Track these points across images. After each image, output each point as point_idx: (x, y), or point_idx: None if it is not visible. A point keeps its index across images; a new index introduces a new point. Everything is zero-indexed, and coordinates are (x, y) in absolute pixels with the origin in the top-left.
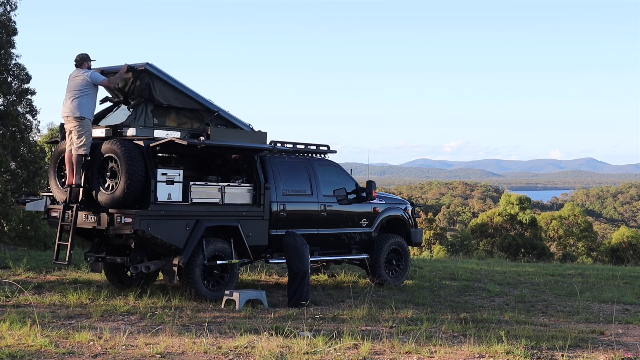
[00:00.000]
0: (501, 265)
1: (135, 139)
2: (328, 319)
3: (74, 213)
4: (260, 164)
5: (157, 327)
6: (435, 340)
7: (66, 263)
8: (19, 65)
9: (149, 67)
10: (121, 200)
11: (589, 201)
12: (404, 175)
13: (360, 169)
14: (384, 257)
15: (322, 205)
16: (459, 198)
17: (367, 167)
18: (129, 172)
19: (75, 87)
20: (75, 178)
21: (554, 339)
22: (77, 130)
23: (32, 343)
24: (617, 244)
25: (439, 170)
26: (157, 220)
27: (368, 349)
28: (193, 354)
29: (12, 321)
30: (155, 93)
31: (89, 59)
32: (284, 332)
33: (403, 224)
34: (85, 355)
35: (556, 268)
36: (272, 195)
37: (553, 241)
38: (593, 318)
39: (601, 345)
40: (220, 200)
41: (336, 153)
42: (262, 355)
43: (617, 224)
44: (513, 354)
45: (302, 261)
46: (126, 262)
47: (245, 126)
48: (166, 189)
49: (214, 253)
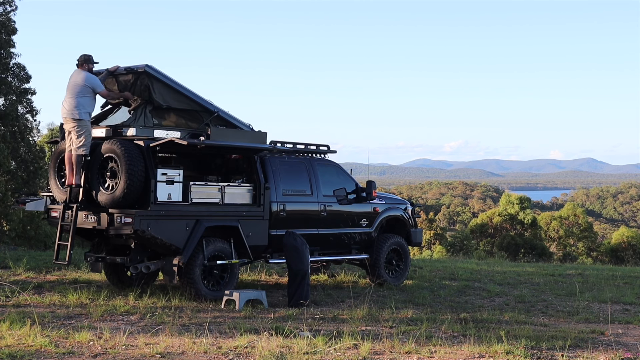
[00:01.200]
0: (501, 265)
1: (135, 139)
2: (328, 319)
3: (74, 213)
4: (260, 164)
5: (157, 327)
6: (435, 340)
7: (66, 263)
8: (19, 65)
9: (148, 68)
10: (121, 200)
11: (589, 201)
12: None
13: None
14: (384, 257)
15: (322, 205)
16: (459, 198)
17: (367, 167)
18: (129, 172)
19: (75, 88)
20: (75, 178)
21: (554, 339)
22: (76, 131)
23: (32, 343)
24: (617, 244)
25: (439, 170)
26: (157, 220)
27: (368, 349)
28: (193, 354)
29: (12, 321)
30: (154, 95)
31: (91, 62)
32: (284, 332)
33: (403, 224)
34: (85, 355)
35: (556, 268)
36: (272, 195)
37: (553, 241)
38: (593, 318)
39: (601, 345)
40: (220, 200)
41: (336, 153)
42: (262, 355)
43: (617, 224)
44: (513, 354)
45: (302, 261)
46: (126, 262)
47: (245, 126)
48: (166, 189)
49: (214, 253)
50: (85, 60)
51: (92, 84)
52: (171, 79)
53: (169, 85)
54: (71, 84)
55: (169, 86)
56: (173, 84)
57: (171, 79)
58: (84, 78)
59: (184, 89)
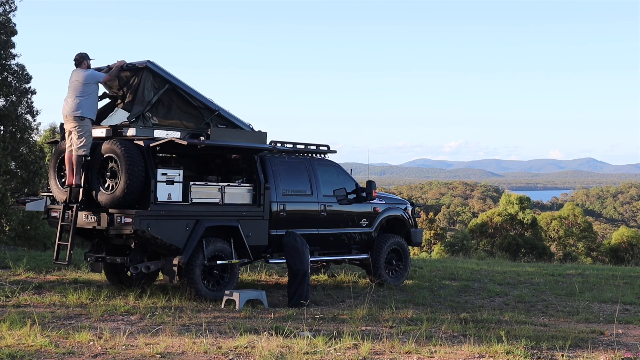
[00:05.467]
0: (501, 265)
1: (135, 139)
2: (328, 319)
3: (74, 213)
4: (260, 164)
5: (157, 327)
6: (435, 340)
7: (66, 263)
8: (19, 65)
9: (150, 64)
10: (121, 200)
11: (589, 201)
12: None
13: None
14: (384, 257)
15: (322, 205)
16: (459, 198)
17: (367, 167)
18: (129, 172)
19: (76, 87)
20: (75, 178)
21: (554, 339)
22: (77, 131)
23: (32, 343)
24: (617, 244)
25: (439, 170)
26: (157, 220)
27: (368, 349)
28: (193, 354)
29: (12, 321)
30: (155, 92)
31: (88, 58)
32: (284, 332)
33: (403, 224)
34: (85, 355)
35: (556, 268)
36: (272, 195)
37: (553, 241)
38: (593, 318)
39: (601, 345)
40: (220, 200)
41: (336, 153)
42: (262, 355)
43: (617, 224)
44: (513, 354)
45: (302, 261)
46: (126, 262)
47: (246, 126)
48: (166, 189)
49: (214, 253)
50: (82, 57)
51: (93, 78)
52: (172, 76)
53: (170, 82)
54: (72, 83)
55: (170, 83)
56: (174, 81)
57: (172, 75)
58: (85, 76)
59: (185, 85)
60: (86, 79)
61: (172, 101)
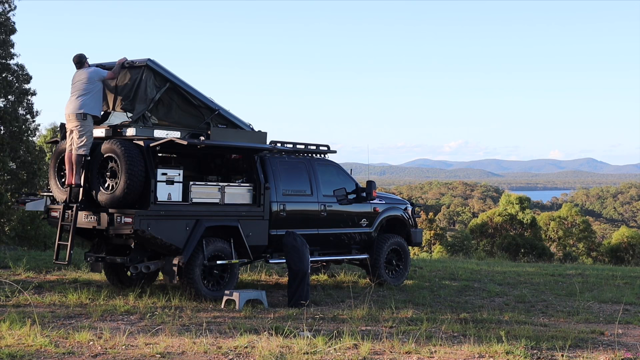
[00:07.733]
0: (501, 265)
1: (135, 139)
2: (328, 319)
3: (74, 213)
4: (260, 164)
5: (157, 327)
6: (435, 340)
7: (66, 263)
8: (19, 65)
9: (151, 63)
10: (121, 200)
11: (589, 201)
12: (404, 175)
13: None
14: (384, 257)
15: (322, 205)
16: (459, 198)
17: (367, 167)
18: (129, 172)
19: (80, 87)
20: (75, 178)
21: (554, 339)
22: (78, 130)
23: (32, 343)
24: (617, 244)
25: (439, 170)
26: (157, 220)
27: (368, 349)
28: (193, 354)
29: (12, 321)
30: (156, 90)
31: (86, 57)
32: (284, 332)
33: (403, 224)
34: (85, 355)
35: (556, 268)
36: (272, 195)
37: (552, 242)
38: (593, 318)
39: (601, 345)
40: (220, 200)
41: (336, 153)
42: (262, 355)
43: (617, 224)
44: (513, 354)
45: (302, 261)
46: (126, 262)
47: (246, 126)
48: (166, 189)
49: (214, 253)
50: (82, 58)
51: (98, 75)
52: (173, 74)
53: (170, 80)
54: (76, 83)
55: (171, 81)
56: (175, 79)
57: (173, 74)
58: (88, 75)
59: (186, 85)
60: (90, 76)
61: (172, 100)
